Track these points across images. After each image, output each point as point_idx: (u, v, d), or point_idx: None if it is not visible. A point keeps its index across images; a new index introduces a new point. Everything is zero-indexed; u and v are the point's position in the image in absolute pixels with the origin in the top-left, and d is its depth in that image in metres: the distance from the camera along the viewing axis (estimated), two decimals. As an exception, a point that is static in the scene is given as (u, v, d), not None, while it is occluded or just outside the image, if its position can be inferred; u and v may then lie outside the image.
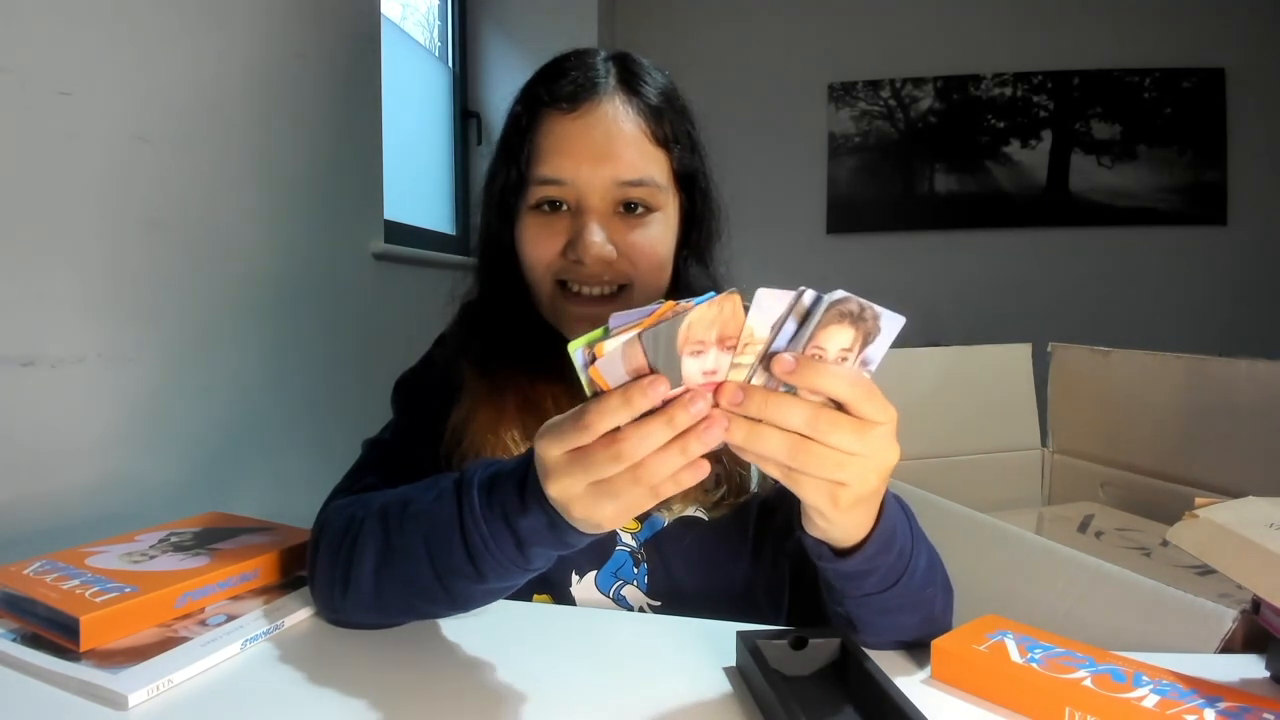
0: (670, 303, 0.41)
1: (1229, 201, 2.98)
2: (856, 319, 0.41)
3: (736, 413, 0.41)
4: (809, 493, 0.44)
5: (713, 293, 0.41)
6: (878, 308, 0.41)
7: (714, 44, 3.19)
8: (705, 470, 0.42)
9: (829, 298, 0.40)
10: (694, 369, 0.41)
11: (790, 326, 0.41)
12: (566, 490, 0.43)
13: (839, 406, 0.42)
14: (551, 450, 0.43)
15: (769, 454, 0.42)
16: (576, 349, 0.41)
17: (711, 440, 0.41)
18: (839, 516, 0.46)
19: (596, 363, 0.40)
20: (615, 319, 0.41)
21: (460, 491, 0.51)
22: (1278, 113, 2.94)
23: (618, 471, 0.41)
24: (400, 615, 0.59)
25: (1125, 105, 3.02)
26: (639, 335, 0.40)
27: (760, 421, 0.41)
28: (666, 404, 0.40)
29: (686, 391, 0.41)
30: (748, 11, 3.20)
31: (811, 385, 0.41)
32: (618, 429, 0.41)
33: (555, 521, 0.46)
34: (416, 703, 0.50)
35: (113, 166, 1.15)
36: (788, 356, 0.40)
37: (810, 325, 0.41)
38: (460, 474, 0.53)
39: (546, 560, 0.51)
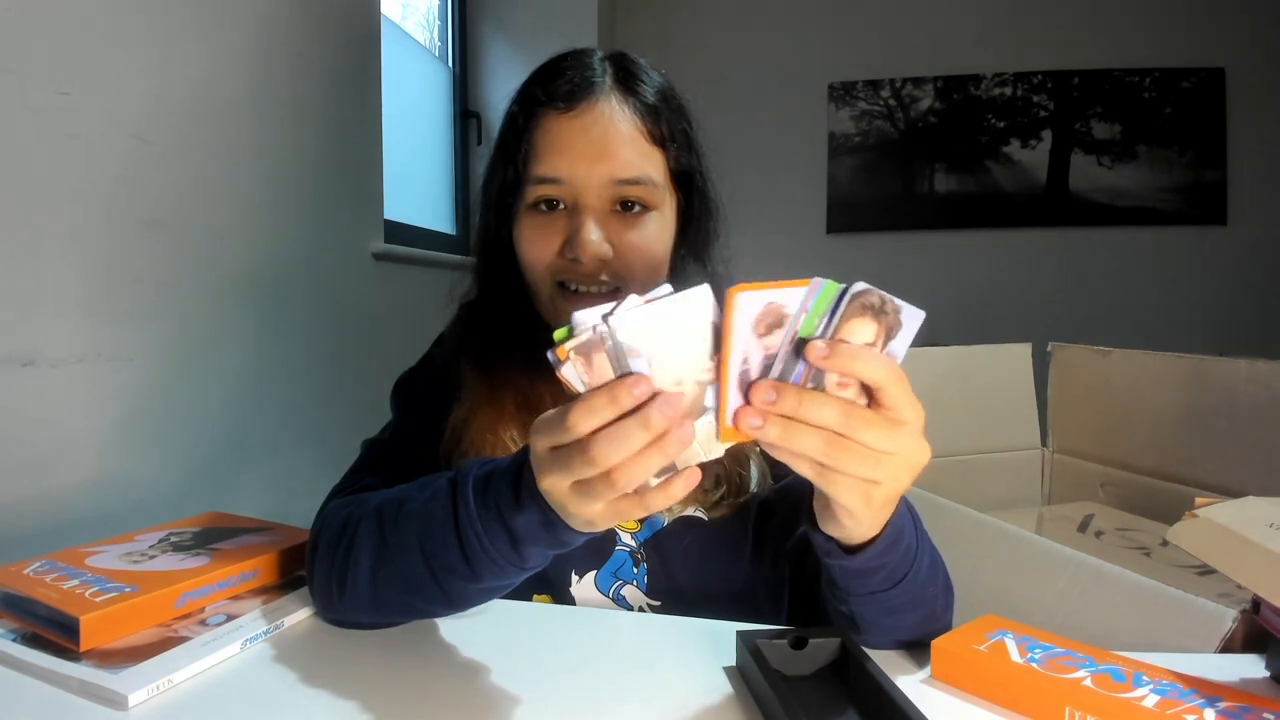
0: (644, 299, 0.41)
1: (1229, 201, 2.98)
2: (878, 312, 0.41)
3: (770, 410, 0.40)
4: (843, 491, 0.43)
5: (667, 285, 0.41)
6: (898, 301, 0.41)
7: (714, 44, 3.19)
8: (697, 478, 0.41)
9: (851, 290, 0.40)
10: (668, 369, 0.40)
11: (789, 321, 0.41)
12: (555, 485, 0.43)
13: (870, 401, 0.42)
14: (539, 444, 0.43)
15: (804, 451, 0.41)
16: (550, 350, 0.41)
17: (686, 437, 0.40)
18: (869, 515, 0.46)
19: (562, 368, 0.40)
20: (578, 317, 0.40)
21: (455, 490, 0.51)
22: (1278, 113, 2.94)
23: (595, 473, 0.40)
24: (398, 615, 0.59)
25: (1125, 105, 3.02)
26: (599, 338, 0.40)
27: (793, 420, 0.41)
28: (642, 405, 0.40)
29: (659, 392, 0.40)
30: (748, 11, 3.20)
31: (846, 368, 0.40)
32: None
33: (550, 519, 0.46)
34: (416, 703, 0.50)
35: (113, 166, 1.15)
36: (820, 343, 0.40)
37: (835, 318, 0.40)
38: (455, 472, 0.53)
39: (542, 559, 0.51)
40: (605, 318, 0.40)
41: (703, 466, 0.43)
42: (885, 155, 3.18)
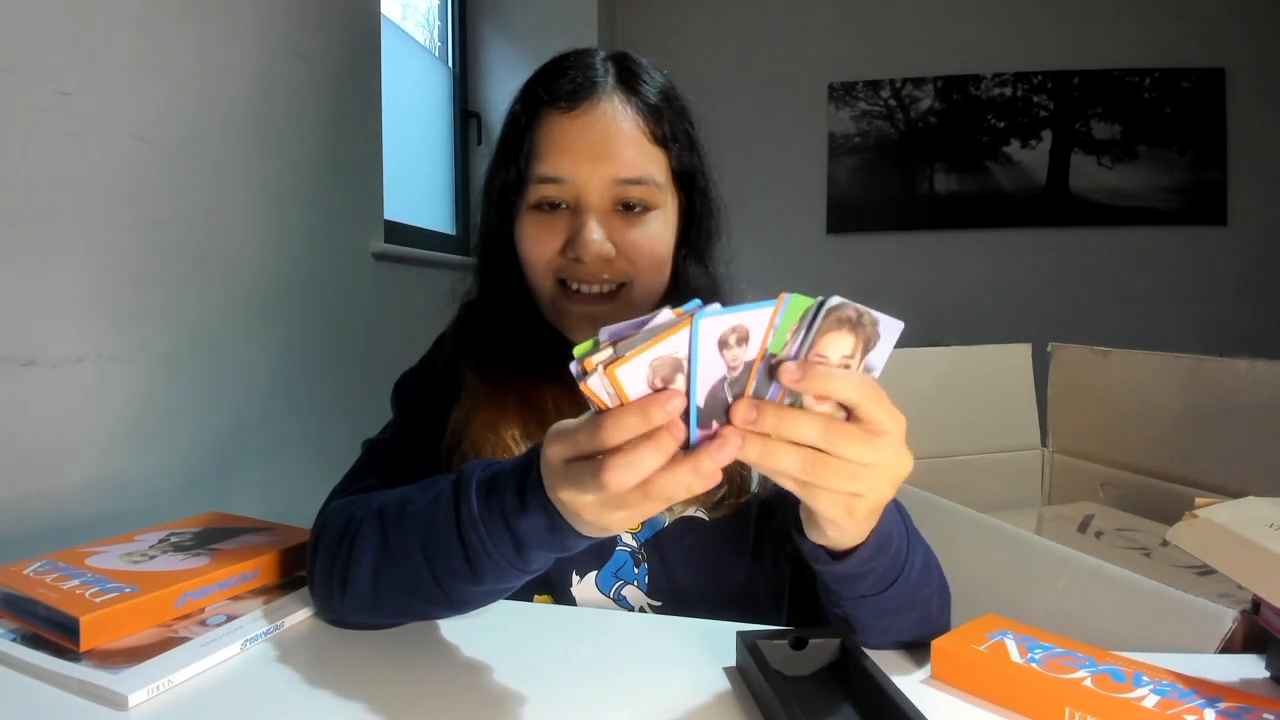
0: (675, 311, 0.40)
1: (1229, 201, 2.98)
2: (855, 325, 0.40)
3: (750, 429, 0.40)
4: (825, 505, 0.43)
5: (698, 300, 0.41)
6: (875, 313, 0.40)
7: (714, 44, 3.19)
8: (717, 479, 0.41)
9: (826, 304, 0.40)
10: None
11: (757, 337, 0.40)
12: (576, 497, 0.42)
13: (849, 415, 0.42)
14: (556, 454, 0.43)
15: (784, 469, 0.41)
16: (572, 362, 0.40)
17: (725, 458, 0.40)
18: (852, 525, 0.46)
19: (588, 379, 0.39)
20: (605, 332, 0.40)
21: (458, 493, 0.51)
22: (1278, 113, 2.93)
23: (610, 494, 0.40)
24: (398, 616, 0.59)
25: (1125, 105, 3.02)
26: (634, 356, 0.39)
27: (772, 437, 0.41)
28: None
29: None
30: (748, 11, 3.20)
31: (819, 390, 0.40)
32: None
33: (555, 523, 0.46)
34: (416, 703, 0.50)
35: (113, 166, 1.15)
36: (792, 365, 0.40)
37: (811, 333, 0.40)
38: (457, 475, 0.52)
39: (544, 562, 0.51)
40: (641, 329, 0.40)
41: None
42: (885, 155, 3.17)
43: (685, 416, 0.40)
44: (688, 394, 0.40)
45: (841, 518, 0.44)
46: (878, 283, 3.06)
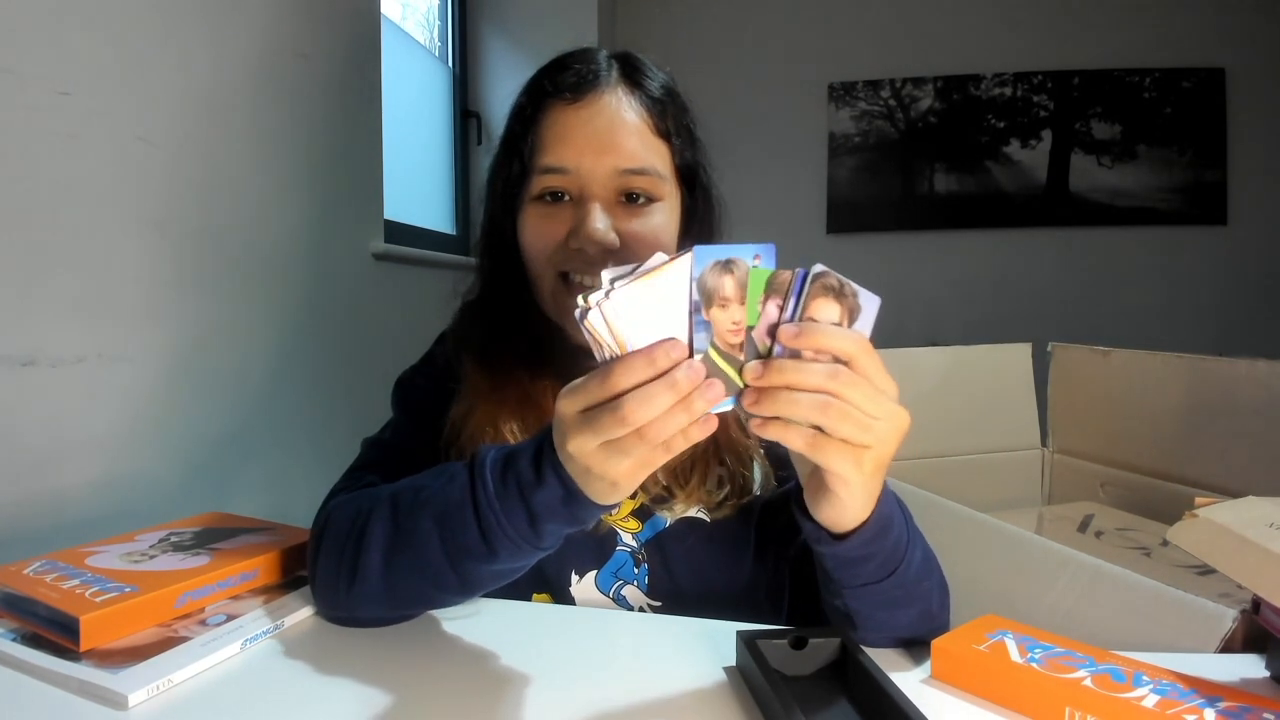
0: (664, 256, 0.43)
1: (1229, 201, 2.98)
2: (839, 294, 0.43)
3: (760, 383, 0.43)
4: (835, 458, 0.45)
5: (689, 250, 0.44)
6: (855, 285, 0.43)
7: (714, 44, 3.19)
8: (714, 425, 0.44)
9: (812, 271, 0.42)
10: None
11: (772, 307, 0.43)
12: (582, 446, 0.44)
13: None
14: (570, 407, 0.45)
15: (799, 416, 0.43)
16: (578, 307, 0.43)
17: (714, 396, 0.42)
18: (862, 482, 0.47)
19: (589, 316, 0.42)
20: (606, 274, 0.43)
21: (473, 473, 0.52)
22: (1278, 113, 2.93)
23: (626, 432, 0.42)
24: (407, 604, 0.59)
25: (1125, 105, 3.02)
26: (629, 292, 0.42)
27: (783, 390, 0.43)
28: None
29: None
30: (748, 11, 3.20)
31: (818, 344, 0.43)
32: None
33: (571, 492, 0.47)
34: (416, 703, 0.50)
35: (113, 166, 1.15)
36: (791, 325, 0.42)
37: (801, 299, 0.43)
38: (472, 457, 0.53)
39: (556, 539, 0.52)
40: (634, 270, 0.43)
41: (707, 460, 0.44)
42: (885, 155, 3.17)
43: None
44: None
45: (851, 471, 0.45)
46: (878, 283, 2.99)
